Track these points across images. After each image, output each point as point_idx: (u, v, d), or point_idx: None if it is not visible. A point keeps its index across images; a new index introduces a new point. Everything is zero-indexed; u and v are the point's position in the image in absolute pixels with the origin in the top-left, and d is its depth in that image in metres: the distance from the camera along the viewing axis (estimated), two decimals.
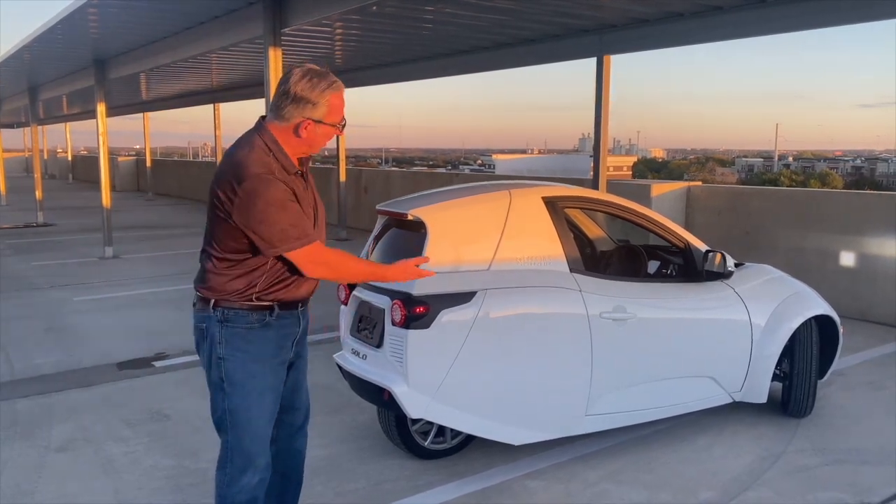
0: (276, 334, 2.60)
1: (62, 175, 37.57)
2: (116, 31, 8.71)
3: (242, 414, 2.58)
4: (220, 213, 2.46)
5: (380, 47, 9.65)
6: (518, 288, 3.69)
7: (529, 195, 3.92)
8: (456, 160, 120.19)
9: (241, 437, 2.59)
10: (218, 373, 2.57)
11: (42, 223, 15.55)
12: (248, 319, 2.54)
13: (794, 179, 77.03)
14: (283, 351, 2.66)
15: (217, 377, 2.57)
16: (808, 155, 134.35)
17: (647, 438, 4.26)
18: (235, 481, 2.61)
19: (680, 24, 7.26)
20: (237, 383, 2.56)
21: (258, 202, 2.39)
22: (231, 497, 2.62)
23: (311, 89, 2.47)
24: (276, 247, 2.44)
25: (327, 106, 2.49)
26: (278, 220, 2.41)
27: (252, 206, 2.39)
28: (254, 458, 2.62)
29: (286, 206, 2.44)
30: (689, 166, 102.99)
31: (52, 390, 5.12)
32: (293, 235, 2.44)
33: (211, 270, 2.55)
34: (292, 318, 2.66)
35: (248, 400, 2.57)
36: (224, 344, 2.55)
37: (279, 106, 2.50)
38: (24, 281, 9.25)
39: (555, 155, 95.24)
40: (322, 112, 2.49)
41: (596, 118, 8.31)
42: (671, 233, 4.31)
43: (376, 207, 4.04)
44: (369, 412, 4.57)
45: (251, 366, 2.57)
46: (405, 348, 3.49)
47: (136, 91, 17.16)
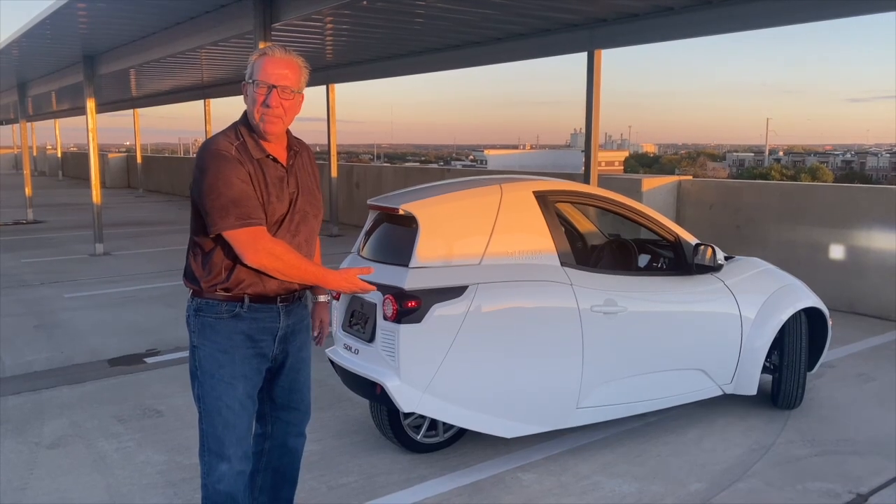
0: (248, 327, 2.58)
1: (52, 172, 37.37)
2: (106, 26, 8.67)
3: (212, 402, 2.58)
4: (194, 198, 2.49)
5: (370, 42, 9.64)
6: (509, 282, 3.70)
7: (520, 189, 3.93)
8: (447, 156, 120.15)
9: (215, 425, 2.59)
10: (193, 361, 2.60)
11: (32, 220, 15.46)
12: (217, 310, 2.55)
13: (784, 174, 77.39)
14: (260, 345, 2.61)
15: (192, 366, 2.60)
16: (799, 149, 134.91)
17: (638, 431, 4.29)
18: (214, 469, 2.61)
19: (670, 19, 7.28)
20: (207, 372, 2.57)
21: (207, 176, 2.41)
22: (211, 485, 2.62)
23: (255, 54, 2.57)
24: (216, 223, 2.41)
25: (253, 65, 2.53)
26: (221, 194, 2.39)
27: (202, 181, 2.41)
28: (227, 446, 2.59)
29: (232, 184, 2.41)
30: (680, 161, 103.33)
31: (43, 387, 5.11)
32: (233, 213, 2.39)
33: (188, 260, 2.59)
34: (269, 312, 2.61)
35: (218, 389, 2.57)
36: (197, 333, 2.57)
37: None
38: (14, 278, 9.20)
39: (546, 150, 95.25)
40: (250, 71, 2.53)
41: (587, 113, 8.32)
42: (661, 226, 4.33)
43: (368, 202, 4.04)
44: (362, 407, 4.58)
45: (219, 356, 2.56)
46: (397, 343, 3.50)
47: (126, 87, 17.09)
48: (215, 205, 2.40)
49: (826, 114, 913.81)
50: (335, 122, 12.98)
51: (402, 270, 3.57)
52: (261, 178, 2.49)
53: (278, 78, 2.49)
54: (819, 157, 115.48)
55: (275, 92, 2.48)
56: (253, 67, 2.52)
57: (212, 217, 2.41)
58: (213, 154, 2.43)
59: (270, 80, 2.49)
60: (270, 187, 2.51)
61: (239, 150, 2.47)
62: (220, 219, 2.40)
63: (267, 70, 2.50)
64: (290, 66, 2.53)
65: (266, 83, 2.48)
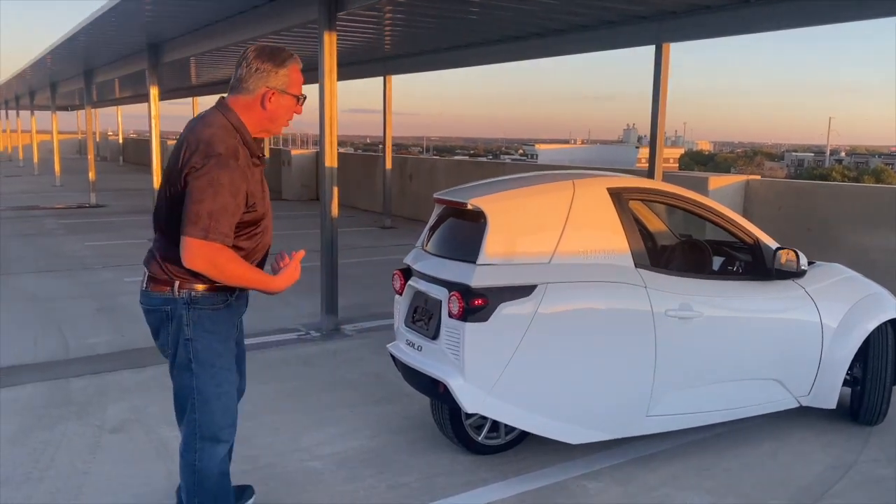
0: (233, 314, 2.72)
1: (113, 157, 38.39)
2: (171, 15, 8.76)
3: (212, 391, 2.64)
4: (178, 191, 2.48)
5: (429, 33, 9.52)
6: (580, 282, 3.56)
7: (594, 186, 3.78)
8: (497, 149, 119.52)
9: (213, 413, 2.66)
10: (186, 354, 2.60)
11: (94, 204, 15.86)
12: (214, 301, 2.61)
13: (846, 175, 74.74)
14: (235, 329, 2.79)
15: (185, 358, 2.61)
16: (862, 150, 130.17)
17: (708, 442, 4.10)
18: (209, 453, 2.69)
19: (745, 11, 6.96)
20: (205, 363, 2.61)
21: (203, 179, 2.42)
22: (207, 468, 2.70)
23: (273, 58, 2.57)
24: (183, 223, 2.42)
25: (288, 76, 2.58)
26: (204, 200, 2.41)
27: (198, 180, 2.42)
28: (223, 429, 2.71)
29: (219, 193, 2.42)
30: (736, 160, 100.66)
31: (104, 370, 5.16)
32: (202, 225, 2.40)
33: (169, 250, 2.54)
34: (244, 297, 2.79)
35: (218, 377, 2.65)
36: (192, 326, 2.59)
37: (242, 79, 2.57)
38: (77, 261, 9.41)
39: (598, 145, 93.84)
40: (284, 81, 2.58)
41: (653, 109, 8.06)
42: (741, 228, 4.12)
43: (434, 196, 3.93)
44: (420, 403, 4.49)
45: (217, 346, 2.64)
46: (462, 341, 3.40)
47: (186, 76, 17.35)
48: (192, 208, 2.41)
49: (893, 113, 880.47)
50: (391, 114, 12.93)
51: (468, 267, 3.46)
52: (256, 179, 2.59)
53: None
54: (884, 159, 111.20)
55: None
56: (290, 79, 2.60)
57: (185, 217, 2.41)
58: (220, 160, 2.44)
59: (302, 92, 2.66)
60: (262, 187, 2.65)
61: (244, 155, 2.54)
62: (188, 222, 2.41)
63: (300, 81, 2.64)
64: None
65: (302, 96, 2.66)
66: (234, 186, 2.46)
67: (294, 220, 13.79)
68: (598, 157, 60.93)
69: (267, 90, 2.56)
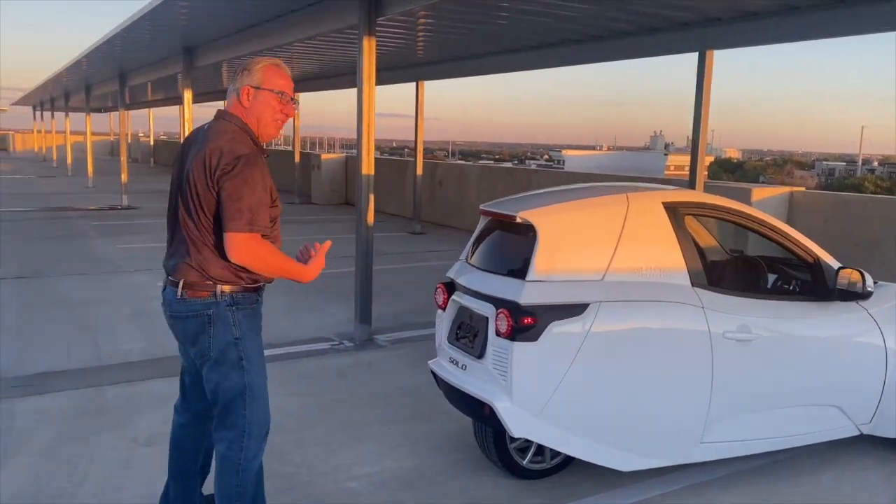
0: (259, 310, 2.85)
1: (144, 159, 38.82)
2: (207, 18, 8.74)
3: (260, 388, 2.77)
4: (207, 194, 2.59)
5: (465, 39, 9.39)
6: (635, 301, 3.39)
7: (649, 199, 3.61)
8: (522, 154, 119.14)
9: (262, 408, 2.78)
10: (236, 353, 2.70)
11: (126, 206, 15.96)
12: (251, 300, 2.76)
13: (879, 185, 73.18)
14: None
15: (235, 357, 2.70)
16: None
17: (764, 470, 3.90)
18: (256, 454, 2.78)
19: (795, 19, 6.73)
20: (253, 360, 2.74)
21: (238, 178, 2.56)
22: (252, 467, 2.77)
23: (250, 63, 2.77)
24: (226, 222, 2.56)
25: (262, 72, 2.73)
26: (243, 197, 2.56)
27: (232, 180, 2.56)
28: (267, 423, 2.83)
29: (254, 189, 2.59)
30: (765, 168, 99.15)
31: (138, 378, 5.09)
32: (245, 220, 2.56)
33: (206, 256, 2.65)
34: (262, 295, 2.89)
35: (263, 374, 2.80)
36: (238, 326, 2.70)
37: (231, 87, 2.76)
38: (109, 263, 9.41)
39: (624, 152, 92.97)
40: (258, 78, 2.72)
41: (695, 117, 7.85)
42: (800, 246, 3.92)
43: (480, 208, 3.79)
44: (459, 422, 4.34)
45: (258, 342, 2.80)
46: (510, 362, 3.25)
47: (218, 79, 17.42)
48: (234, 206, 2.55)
49: None
50: (423, 120, 12.83)
51: (517, 283, 3.32)
52: (269, 179, 2.70)
53: (291, 89, 2.80)
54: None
55: (291, 102, 2.79)
56: (264, 75, 2.72)
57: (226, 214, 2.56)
58: (248, 159, 2.60)
59: (291, 92, 2.79)
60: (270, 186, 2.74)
61: (259, 150, 2.71)
62: (231, 219, 2.55)
63: (286, 82, 2.77)
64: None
65: (289, 95, 2.77)
66: (264, 182, 2.63)
67: (324, 225, 13.74)
68: (626, 164, 60.40)
69: (243, 87, 2.72)
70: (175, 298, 2.69)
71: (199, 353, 2.73)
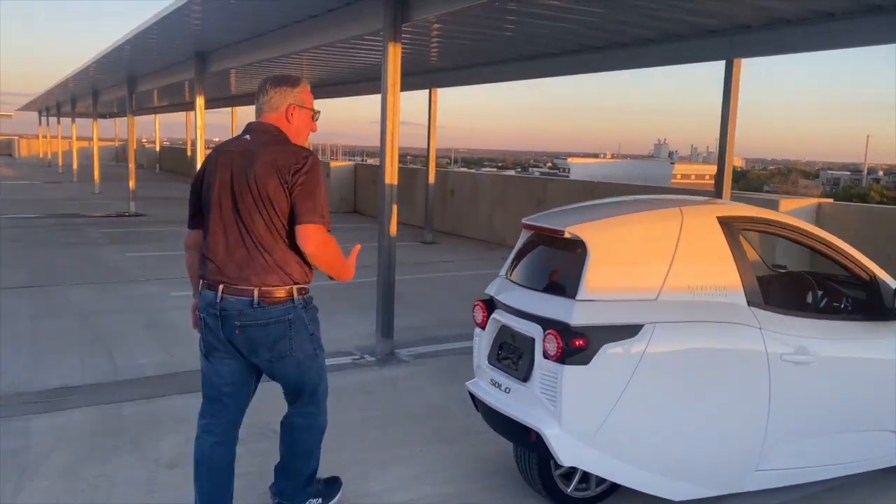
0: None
1: (149, 165, 38.72)
2: (222, 23, 8.61)
3: (325, 370, 3.19)
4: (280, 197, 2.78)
5: (481, 45, 9.24)
6: (691, 322, 3.21)
7: (703, 214, 3.44)
8: (525, 162, 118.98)
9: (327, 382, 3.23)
10: (312, 346, 3.01)
11: (134, 213, 15.81)
12: (310, 299, 3.02)
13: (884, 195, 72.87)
14: None
15: (312, 350, 3.01)
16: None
17: (819, 498, 3.71)
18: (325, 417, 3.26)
19: (828, 26, 6.57)
20: (321, 346, 3.10)
21: (311, 175, 2.81)
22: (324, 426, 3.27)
23: (288, 81, 3.01)
24: (300, 216, 2.78)
25: (303, 93, 3.01)
26: (316, 193, 2.82)
27: (307, 175, 2.80)
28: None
29: (321, 186, 2.87)
30: (770, 177, 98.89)
31: (156, 395, 4.91)
32: (319, 213, 2.82)
33: (282, 255, 2.84)
34: None
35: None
36: (312, 323, 3.01)
37: (268, 101, 2.97)
38: (120, 272, 9.25)
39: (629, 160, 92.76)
40: (300, 98, 3.00)
41: (722, 126, 7.70)
42: (857, 263, 3.74)
43: (522, 221, 3.62)
44: (495, 444, 4.16)
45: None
46: (560, 386, 3.06)
47: (226, 86, 17.31)
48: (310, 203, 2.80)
49: None
50: (436, 128, 12.68)
51: (567, 303, 3.14)
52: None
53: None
54: None
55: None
56: (305, 96, 3.02)
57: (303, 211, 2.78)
58: (315, 159, 2.89)
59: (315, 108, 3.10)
60: None
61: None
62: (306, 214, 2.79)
63: (312, 99, 3.08)
64: None
65: (316, 111, 3.09)
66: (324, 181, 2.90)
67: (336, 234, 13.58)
68: (633, 173, 60.23)
69: (289, 105, 2.97)
70: (250, 307, 2.81)
71: (276, 354, 2.90)
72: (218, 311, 2.82)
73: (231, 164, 2.84)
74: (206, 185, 2.92)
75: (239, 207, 2.80)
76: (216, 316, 2.83)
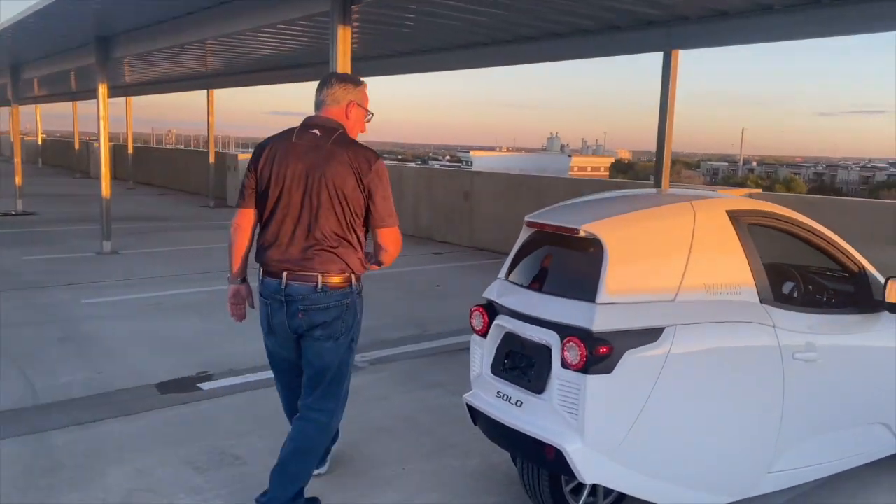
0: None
1: (30, 159, 35.71)
2: (123, 6, 7.82)
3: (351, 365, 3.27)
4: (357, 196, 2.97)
5: (410, 33, 8.88)
6: (709, 323, 3.04)
7: (714, 208, 3.28)
8: (424, 155, 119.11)
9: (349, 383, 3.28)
10: (356, 332, 3.15)
11: (22, 211, 14.44)
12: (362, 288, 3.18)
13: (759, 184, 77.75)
14: None
15: (349, 340, 3.12)
16: (771, 160, 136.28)
17: (809, 496, 3.66)
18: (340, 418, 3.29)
19: (768, 19, 6.67)
20: (357, 338, 3.20)
21: (383, 177, 3.03)
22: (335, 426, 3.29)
23: (352, 80, 3.21)
24: (384, 220, 3.04)
25: (362, 93, 3.21)
26: (388, 196, 3.05)
27: (380, 178, 3.01)
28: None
29: (390, 187, 3.08)
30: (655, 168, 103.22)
31: (88, 420, 4.32)
32: (395, 215, 3.09)
33: (349, 249, 3.02)
34: None
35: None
36: (362, 311, 3.18)
37: (331, 94, 3.12)
38: (19, 278, 8.31)
39: (524, 154, 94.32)
40: (361, 97, 3.19)
41: (660, 118, 7.73)
42: (849, 255, 3.71)
43: (526, 219, 3.34)
44: (479, 456, 3.90)
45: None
46: (583, 397, 2.82)
47: (119, 74, 16.08)
48: (388, 206, 3.05)
49: (797, 126, 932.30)
50: None
51: (586, 307, 2.89)
52: None
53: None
54: (791, 169, 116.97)
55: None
56: (363, 95, 3.21)
57: (382, 215, 3.04)
58: (382, 161, 3.05)
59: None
60: None
61: None
62: (387, 216, 3.06)
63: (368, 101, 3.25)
64: None
65: (371, 112, 3.26)
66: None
67: None
68: (531, 165, 61.33)
69: (350, 102, 3.15)
70: (313, 292, 2.97)
71: (327, 333, 3.03)
72: (283, 296, 2.98)
73: (303, 157, 2.98)
74: (272, 174, 3.00)
75: (311, 200, 2.95)
76: (281, 301, 3.00)
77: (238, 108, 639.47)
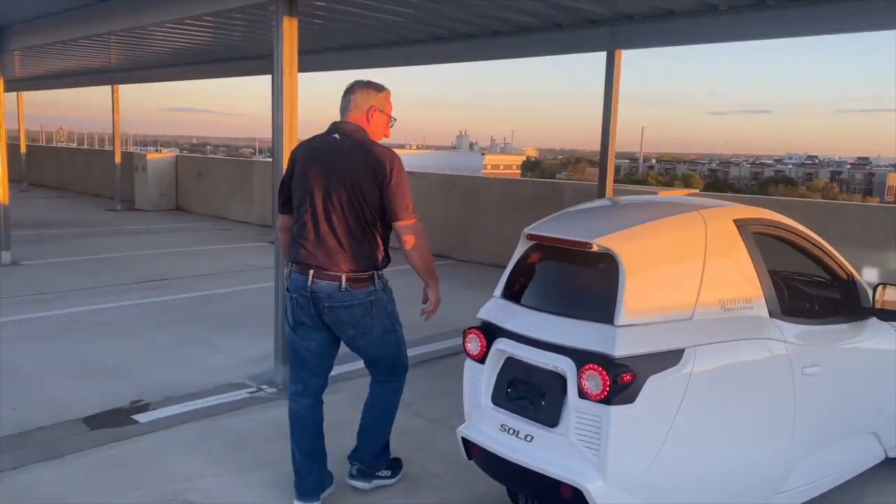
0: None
1: None
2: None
3: (404, 337, 3.44)
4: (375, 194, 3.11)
5: (350, 28, 8.43)
6: (726, 342, 2.84)
7: (722, 217, 3.09)
8: None
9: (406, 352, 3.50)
10: (390, 321, 3.31)
11: None
12: (388, 282, 3.31)
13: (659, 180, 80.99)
14: None
15: (389, 324, 3.30)
16: (669, 157, 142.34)
17: None
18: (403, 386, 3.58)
19: (713, 19, 6.63)
20: (398, 321, 3.37)
21: (400, 175, 3.14)
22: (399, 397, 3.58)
23: (374, 85, 3.31)
24: (398, 214, 3.15)
25: (386, 99, 3.33)
26: (406, 191, 3.17)
27: (397, 176, 3.13)
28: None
29: (408, 183, 3.20)
30: (561, 166, 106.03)
31: (7, 466, 3.72)
32: (412, 208, 3.19)
33: (371, 245, 3.19)
34: None
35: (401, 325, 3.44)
36: (390, 301, 3.31)
37: (355, 98, 3.26)
38: None
39: (433, 151, 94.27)
40: (382, 102, 3.31)
41: (604, 119, 7.62)
42: (839, 262, 3.62)
43: (527, 232, 3.04)
44: (462, 488, 3.58)
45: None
46: (606, 430, 2.56)
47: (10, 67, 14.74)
48: (405, 201, 3.16)
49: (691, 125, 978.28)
50: None
51: (605, 329, 2.63)
52: None
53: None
54: (688, 166, 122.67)
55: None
56: (386, 102, 3.33)
57: (397, 210, 3.15)
58: (399, 158, 3.16)
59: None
60: None
61: None
62: (402, 211, 3.15)
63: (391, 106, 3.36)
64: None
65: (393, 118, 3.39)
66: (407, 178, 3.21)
67: (172, 235, 12.06)
68: (444, 163, 61.09)
69: (371, 107, 3.27)
70: (338, 290, 3.12)
71: (359, 331, 3.22)
72: (308, 293, 3.14)
73: (323, 160, 3.15)
74: (296, 177, 3.23)
75: (332, 201, 3.10)
76: (307, 297, 3.15)
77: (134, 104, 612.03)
